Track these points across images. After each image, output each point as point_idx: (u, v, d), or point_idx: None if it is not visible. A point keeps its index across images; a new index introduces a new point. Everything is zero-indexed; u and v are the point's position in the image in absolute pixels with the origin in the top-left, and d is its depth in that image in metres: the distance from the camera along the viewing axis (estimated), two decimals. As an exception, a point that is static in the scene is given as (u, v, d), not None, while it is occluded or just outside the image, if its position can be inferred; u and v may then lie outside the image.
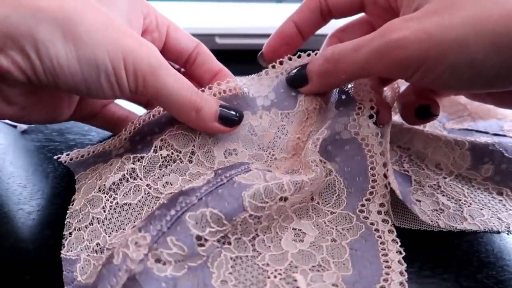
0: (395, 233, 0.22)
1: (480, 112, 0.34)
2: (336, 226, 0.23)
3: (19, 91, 0.20)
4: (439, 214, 0.24)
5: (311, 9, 0.27)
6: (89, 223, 0.23)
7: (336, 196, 0.24)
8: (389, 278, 0.20)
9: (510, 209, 0.25)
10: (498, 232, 0.23)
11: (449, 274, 0.21)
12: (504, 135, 0.30)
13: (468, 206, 0.25)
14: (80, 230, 0.23)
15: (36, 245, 0.22)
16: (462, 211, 0.24)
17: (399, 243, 0.21)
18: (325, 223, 0.23)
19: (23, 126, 0.32)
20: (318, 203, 0.24)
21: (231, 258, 0.20)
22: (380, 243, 0.22)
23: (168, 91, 0.22)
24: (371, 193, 0.24)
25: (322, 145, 0.24)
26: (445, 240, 0.23)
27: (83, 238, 0.22)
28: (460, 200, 0.25)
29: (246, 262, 0.20)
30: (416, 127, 0.30)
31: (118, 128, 0.28)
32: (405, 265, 0.20)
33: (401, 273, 0.20)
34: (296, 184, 0.21)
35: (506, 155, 0.26)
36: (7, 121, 0.33)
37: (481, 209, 0.25)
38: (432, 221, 0.23)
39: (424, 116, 0.27)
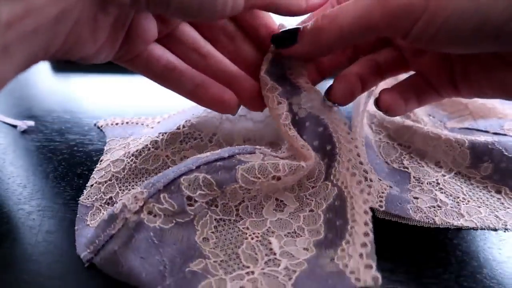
0: (366, 195, 0.22)
1: (480, 112, 0.34)
2: (315, 198, 0.24)
3: (110, 21, 0.19)
4: (436, 211, 0.24)
5: None
6: (109, 179, 0.26)
7: (317, 171, 0.24)
8: (353, 232, 0.20)
9: (508, 207, 0.25)
10: (495, 230, 0.23)
11: (449, 274, 0.21)
12: (504, 134, 0.30)
13: (466, 204, 0.25)
14: (99, 184, 0.26)
15: (36, 245, 0.22)
16: (459, 208, 0.24)
17: (370, 204, 0.21)
18: (306, 196, 0.24)
19: (23, 126, 0.32)
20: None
21: (215, 219, 0.22)
22: (350, 203, 0.22)
23: None
24: (339, 156, 0.24)
25: (293, 127, 0.24)
26: (445, 240, 0.23)
27: (100, 190, 0.25)
28: (458, 197, 0.25)
29: (228, 225, 0.23)
30: (417, 125, 0.30)
31: (165, 79, 0.24)
32: (370, 213, 0.20)
33: (365, 223, 0.20)
34: (291, 167, 0.22)
35: (506, 154, 0.26)
36: (7, 121, 0.33)
37: (479, 207, 0.25)
38: (428, 218, 0.23)
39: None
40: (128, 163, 0.27)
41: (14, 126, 0.32)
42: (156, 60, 0.23)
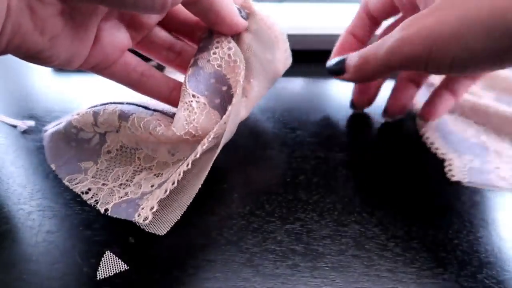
0: (194, 156, 0.22)
1: None
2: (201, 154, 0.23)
3: (52, 12, 0.18)
4: None
5: (360, 17, 0.31)
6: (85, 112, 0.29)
7: (217, 128, 0.23)
8: (167, 180, 0.22)
9: None
10: None
11: (449, 274, 0.21)
12: None
13: None
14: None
15: (36, 245, 0.22)
16: None
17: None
18: (196, 149, 0.24)
19: (23, 126, 0.32)
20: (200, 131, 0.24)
21: (122, 142, 0.26)
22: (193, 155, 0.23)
23: None
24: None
25: (191, 81, 0.24)
26: (445, 240, 0.23)
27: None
28: None
29: (130, 150, 0.27)
30: (490, 104, 0.32)
31: (142, 86, 0.25)
32: (181, 175, 0.21)
33: (173, 182, 0.21)
34: (167, 128, 0.23)
35: None
36: (7, 121, 0.33)
37: None
38: (511, 185, 0.25)
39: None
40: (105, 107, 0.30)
41: (14, 126, 0.32)
42: (133, 68, 0.25)
